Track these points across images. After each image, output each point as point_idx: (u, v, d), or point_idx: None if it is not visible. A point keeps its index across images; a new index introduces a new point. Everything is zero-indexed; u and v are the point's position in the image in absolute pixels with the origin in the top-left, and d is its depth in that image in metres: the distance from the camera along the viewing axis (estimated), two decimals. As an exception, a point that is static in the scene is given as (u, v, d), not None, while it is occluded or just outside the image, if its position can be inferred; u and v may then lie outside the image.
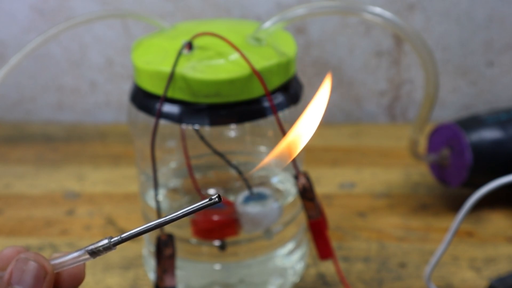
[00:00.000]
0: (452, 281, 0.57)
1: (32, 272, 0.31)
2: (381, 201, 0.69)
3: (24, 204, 0.70)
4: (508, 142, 0.64)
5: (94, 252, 0.32)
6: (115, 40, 0.85)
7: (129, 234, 0.32)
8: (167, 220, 0.31)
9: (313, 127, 0.33)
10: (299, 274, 0.57)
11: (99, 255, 0.32)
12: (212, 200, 0.30)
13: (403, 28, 0.51)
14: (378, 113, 0.88)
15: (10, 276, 0.31)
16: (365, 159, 0.78)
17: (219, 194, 0.30)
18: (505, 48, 0.84)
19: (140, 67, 0.49)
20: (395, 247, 0.62)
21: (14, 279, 0.31)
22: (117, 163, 0.78)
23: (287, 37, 0.53)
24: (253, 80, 0.47)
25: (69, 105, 0.89)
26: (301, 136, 0.33)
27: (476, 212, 0.66)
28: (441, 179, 0.67)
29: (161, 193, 0.56)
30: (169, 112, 0.48)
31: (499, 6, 0.82)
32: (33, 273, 0.31)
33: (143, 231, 0.31)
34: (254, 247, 0.53)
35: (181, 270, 0.53)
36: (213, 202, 0.30)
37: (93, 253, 0.32)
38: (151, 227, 0.31)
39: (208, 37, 0.49)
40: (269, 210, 0.51)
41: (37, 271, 0.31)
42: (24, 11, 0.84)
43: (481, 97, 0.87)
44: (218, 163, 0.54)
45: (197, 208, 0.30)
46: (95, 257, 0.32)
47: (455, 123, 0.65)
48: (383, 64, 0.85)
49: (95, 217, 0.67)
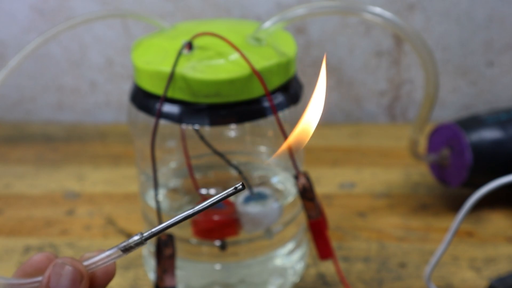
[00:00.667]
0: (452, 281, 0.57)
1: (68, 276, 0.32)
2: (381, 201, 0.69)
3: (24, 204, 0.70)
4: (508, 142, 0.64)
5: (127, 249, 0.33)
6: (115, 40, 0.85)
7: (159, 228, 0.32)
8: (196, 211, 0.32)
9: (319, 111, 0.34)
10: (299, 274, 0.57)
11: (131, 251, 0.33)
12: (237, 188, 0.31)
13: (403, 28, 0.51)
14: (378, 113, 0.89)
15: (48, 280, 0.32)
16: (365, 159, 0.78)
17: (243, 182, 0.31)
18: (505, 48, 0.84)
19: (140, 67, 0.49)
20: (395, 247, 0.62)
21: (52, 283, 0.32)
22: (117, 163, 0.78)
23: (287, 37, 0.53)
24: (253, 80, 0.47)
25: (69, 105, 0.89)
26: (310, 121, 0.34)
27: (476, 212, 0.66)
28: (441, 179, 0.67)
29: (161, 193, 0.56)
30: (169, 112, 0.48)
31: (499, 6, 0.82)
32: (70, 277, 0.32)
33: (173, 223, 0.32)
34: (254, 247, 0.53)
35: (181, 270, 0.53)
36: (238, 190, 0.31)
37: (126, 250, 0.33)
38: (181, 219, 0.32)
39: (208, 37, 0.49)
40: (269, 210, 0.51)
41: (73, 275, 0.32)
42: (24, 11, 0.84)
43: (481, 97, 0.87)
44: (218, 163, 0.54)
45: (224, 196, 0.31)
46: (128, 253, 0.33)
47: (455, 123, 0.65)
48: (383, 64, 0.85)
49: (95, 217, 0.67)
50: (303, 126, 0.34)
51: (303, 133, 0.34)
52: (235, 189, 0.31)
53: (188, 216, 0.32)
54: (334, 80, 0.87)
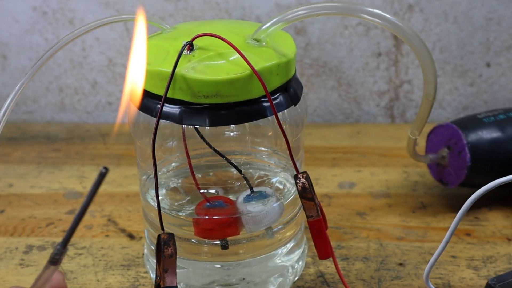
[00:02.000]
0: (451, 280, 0.57)
1: None
2: (380, 200, 0.69)
3: (25, 204, 0.70)
4: (506, 142, 0.65)
5: (53, 261, 0.34)
6: (117, 41, 0.85)
7: (67, 234, 0.34)
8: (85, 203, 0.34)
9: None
10: (299, 273, 0.57)
11: (60, 260, 0.34)
12: (101, 172, 0.32)
13: (402, 29, 0.51)
14: (377, 113, 0.89)
15: None
16: (365, 159, 0.78)
17: (106, 167, 0.32)
18: (503, 49, 0.84)
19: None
20: (394, 246, 0.62)
21: None
22: (118, 163, 0.78)
23: (286, 38, 0.53)
24: (253, 81, 0.47)
25: (70, 105, 0.90)
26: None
27: (475, 212, 0.66)
28: (440, 179, 0.67)
29: (162, 193, 0.56)
30: (169, 113, 0.48)
31: (498, 7, 0.82)
32: None
33: (75, 223, 0.34)
34: (255, 246, 0.54)
35: (181, 269, 0.53)
36: (103, 174, 0.32)
37: (53, 262, 0.34)
38: (78, 216, 0.34)
39: (208, 38, 0.49)
40: (270, 209, 0.51)
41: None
42: (26, 12, 0.84)
43: (479, 98, 0.87)
44: (218, 163, 0.54)
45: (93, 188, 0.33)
46: (57, 264, 0.34)
47: (454, 124, 0.65)
48: (382, 64, 0.86)
49: (96, 217, 0.67)
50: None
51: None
52: (100, 175, 0.32)
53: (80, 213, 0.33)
54: (334, 81, 0.87)
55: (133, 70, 0.36)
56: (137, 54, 0.36)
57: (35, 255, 0.61)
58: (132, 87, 0.35)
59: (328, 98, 0.88)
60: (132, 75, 0.36)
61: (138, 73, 0.36)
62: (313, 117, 0.89)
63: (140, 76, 0.36)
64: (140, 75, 0.35)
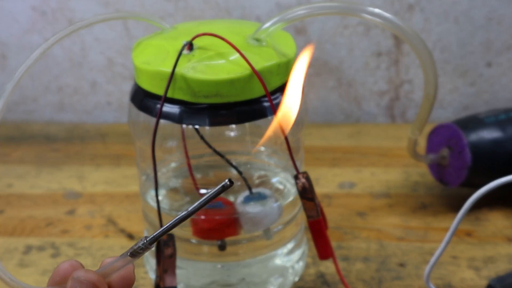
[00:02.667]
0: (451, 281, 0.57)
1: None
2: (380, 201, 0.69)
3: (25, 204, 0.70)
4: (507, 142, 0.64)
5: (133, 254, 0.34)
6: (116, 41, 0.85)
7: (161, 231, 0.33)
8: (192, 211, 0.32)
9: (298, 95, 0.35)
10: (299, 274, 0.57)
11: (141, 255, 0.34)
12: (225, 186, 0.31)
13: (403, 29, 0.51)
14: (377, 113, 0.89)
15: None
16: (365, 159, 0.78)
17: (230, 178, 0.31)
18: (504, 49, 0.84)
19: (140, 68, 0.49)
20: (395, 246, 0.62)
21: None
22: (118, 163, 0.78)
23: (287, 38, 0.53)
24: (253, 80, 0.47)
25: (70, 105, 0.90)
26: (291, 106, 0.35)
27: (475, 212, 0.66)
28: (440, 179, 0.67)
29: (162, 193, 0.56)
30: (169, 112, 0.48)
31: (498, 6, 0.82)
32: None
33: (173, 225, 0.33)
34: (254, 247, 0.54)
35: (181, 269, 0.53)
36: (226, 187, 0.31)
37: (133, 255, 0.34)
38: (179, 220, 0.33)
39: (208, 37, 0.49)
40: (269, 209, 0.51)
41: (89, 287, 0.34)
42: (26, 12, 0.84)
43: (480, 98, 0.87)
44: (218, 163, 0.54)
45: (214, 194, 0.32)
46: (137, 257, 0.35)
47: (454, 124, 0.65)
48: (382, 64, 0.86)
49: (96, 217, 0.67)
50: (284, 110, 0.34)
51: (286, 115, 0.35)
52: (223, 187, 0.31)
53: (185, 217, 0.32)
54: (334, 80, 0.87)
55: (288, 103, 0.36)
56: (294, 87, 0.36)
57: (34, 255, 0.61)
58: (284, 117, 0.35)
59: (328, 98, 0.88)
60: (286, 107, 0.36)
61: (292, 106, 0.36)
62: (313, 117, 0.89)
63: (294, 110, 0.35)
64: (295, 109, 0.35)
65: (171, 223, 0.33)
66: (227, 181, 0.31)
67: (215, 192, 0.32)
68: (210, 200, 0.32)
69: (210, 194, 0.32)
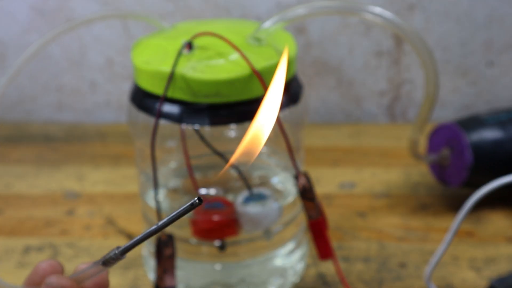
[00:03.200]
0: (452, 281, 0.57)
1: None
2: (381, 201, 0.69)
3: (24, 204, 0.70)
4: (508, 142, 0.64)
5: (105, 263, 0.34)
6: (115, 40, 0.85)
7: (133, 242, 0.34)
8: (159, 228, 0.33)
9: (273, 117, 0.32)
10: (299, 274, 0.57)
11: (112, 264, 0.35)
12: (194, 204, 0.31)
13: (403, 28, 0.51)
14: (378, 113, 0.89)
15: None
16: (365, 159, 0.78)
17: (200, 197, 0.31)
18: (505, 48, 0.84)
19: (140, 67, 0.49)
20: (395, 247, 0.62)
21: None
22: (117, 163, 0.78)
23: (287, 37, 0.53)
24: (253, 80, 0.47)
25: (69, 105, 0.89)
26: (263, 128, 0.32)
27: (476, 212, 0.66)
28: (441, 179, 0.67)
29: (161, 193, 0.56)
30: (169, 112, 0.48)
31: (499, 6, 0.82)
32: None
33: (142, 238, 0.33)
34: (254, 247, 0.53)
35: (181, 270, 0.53)
36: (195, 206, 0.31)
37: (105, 263, 0.34)
38: (145, 236, 0.33)
39: (208, 37, 0.49)
40: (269, 210, 0.51)
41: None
42: (24, 11, 0.84)
43: (481, 97, 0.87)
44: (218, 163, 0.54)
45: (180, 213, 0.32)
46: (109, 267, 0.35)
47: (455, 123, 0.65)
48: (383, 64, 0.85)
49: (95, 217, 0.67)
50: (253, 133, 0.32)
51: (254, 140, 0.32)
52: (192, 205, 0.31)
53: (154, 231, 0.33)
54: (334, 80, 0.87)
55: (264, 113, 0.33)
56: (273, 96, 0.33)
57: (33, 256, 0.61)
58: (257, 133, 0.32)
59: (328, 97, 0.88)
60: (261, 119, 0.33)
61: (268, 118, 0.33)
62: (313, 117, 0.88)
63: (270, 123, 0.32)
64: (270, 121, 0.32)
65: (141, 236, 0.33)
66: (196, 199, 0.31)
67: (183, 209, 0.31)
68: (178, 218, 0.32)
69: (179, 211, 0.32)
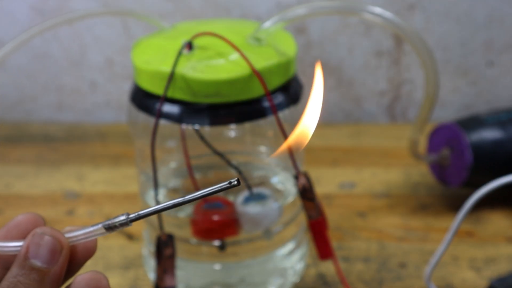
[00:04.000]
0: (452, 281, 0.57)
1: (48, 247, 0.32)
2: (381, 201, 0.69)
3: (24, 204, 0.70)
4: (508, 142, 0.64)
5: (111, 228, 0.32)
6: (115, 40, 0.85)
7: (146, 212, 0.32)
8: (185, 201, 0.31)
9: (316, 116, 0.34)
10: (299, 274, 0.57)
11: (115, 230, 0.33)
12: (232, 183, 0.30)
13: (403, 28, 0.51)
14: (378, 113, 0.88)
15: (27, 250, 0.32)
16: (365, 159, 0.78)
17: (238, 178, 0.30)
18: (505, 48, 0.84)
19: (140, 67, 0.49)
20: (395, 247, 0.62)
21: (31, 253, 0.32)
22: (117, 163, 0.78)
23: (287, 37, 0.52)
24: (253, 80, 0.47)
25: (69, 105, 0.89)
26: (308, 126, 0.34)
27: (476, 212, 0.66)
28: (441, 179, 0.67)
29: (161, 193, 0.56)
30: (169, 112, 0.48)
31: (499, 6, 0.82)
32: (49, 247, 0.32)
33: (160, 209, 0.32)
34: (254, 247, 0.53)
35: (181, 270, 0.53)
36: (232, 185, 0.30)
37: (110, 228, 0.32)
38: (169, 206, 0.31)
39: (208, 37, 0.49)
40: (269, 210, 0.51)
41: (53, 246, 0.32)
42: (24, 11, 0.84)
43: (481, 97, 0.87)
44: (218, 163, 0.54)
45: (215, 190, 0.30)
46: (111, 232, 0.33)
47: (455, 123, 0.65)
48: (383, 64, 0.85)
49: (95, 217, 0.67)
50: (302, 127, 0.34)
51: (302, 135, 0.34)
52: (229, 183, 0.30)
53: (178, 203, 0.31)
54: (334, 80, 0.87)
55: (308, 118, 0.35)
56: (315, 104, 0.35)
57: (33, 256, 0.61)
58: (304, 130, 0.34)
59: (328, 98, 0.88)
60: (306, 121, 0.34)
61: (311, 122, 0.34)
62: (313, 117, 0.88)
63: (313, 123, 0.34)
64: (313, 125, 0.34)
65: (161, 206, 0.31)
66: (235, 180, 0.30)
67: (219, 187, 0.30)
68: (211, 194, 0.30)
69: (213, 188, 0.30)
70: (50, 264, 0.32)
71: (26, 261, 0.32)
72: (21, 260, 0.32)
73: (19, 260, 0.32)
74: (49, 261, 0.32)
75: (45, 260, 0.32)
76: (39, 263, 0.32)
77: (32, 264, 0.32)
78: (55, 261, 0.32)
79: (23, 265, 0.32)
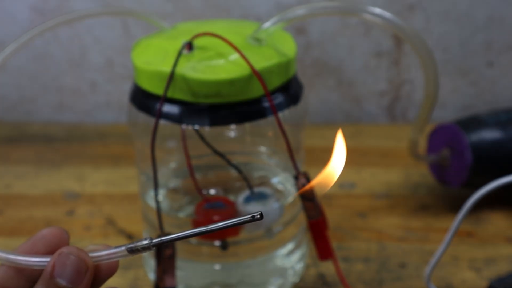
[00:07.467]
0: (452, 282, 0.57)
1: (73, 267, 0.33)
2: (381, 201, 0.69)
3: (24, 204, 0.70)
4: (508, 143, 0.64)
5: (133, 251, 0.33)
6: (115, 41, 0.85)
7: (168, 238, 0.33)
8: (207, 230, 0.32)
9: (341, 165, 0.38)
10: (299, 275, 0.57)
11: (137, 254, 0.33)
12: (255, 217, 0.31)
13: (403, 29, 0.51)
14: (378, 114, 0.89)
15: (52, 269, 0.32)
16: (365, 159, 0.78)
17: (261, 212, 0.31)
18: (505, 49, 0.84)
19: (140, 67, 0.49)
20: (395, 247, 0.62)
21: (56, 272, 0.32)
22: (117, 163, 0.78)
23: (287, 38, 0.53)
24: (253, 80, 0.47)
25: (69, 105, 0.89)
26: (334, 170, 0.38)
27: (476, 213, 0.66)
28: (441, 180, 0.67)
29: (161, 194, 0.56)
30: (169, 112, 0.48)
31: (499, 6, 0.82)
32: (75, 267, 0.33)
33: (182, 237, 0.33)
34: (254, 247, 0.53)
35: (181, 270, 0.53)
36: (255, 219, 0.31)
37: (132, 251, 0.33)
38: (191, 234, 0.32)
39: (208, 37, 0.49)
40: (270, 209, 0.51)
41: (78, 266, 0.33)
42: (24, 11, 0.84)
43: (481, 98, 0.87)
44: (218, 163, 0.54)
45: (238, 222, 0.32)
46: (133, 255, 0.34)
47: (455, 124, 0.65)
48: (383, 64, 0.85)
49: (95, 218, 0.67)
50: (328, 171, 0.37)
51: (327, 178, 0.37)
52: (252, 217, 0.31)
53: (200, 232, 0.32)
54: (334, 81, 0.87)
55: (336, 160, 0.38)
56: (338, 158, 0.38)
57: (33, 256, 0.61)
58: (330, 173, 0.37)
59: (328, 98, 0.88)
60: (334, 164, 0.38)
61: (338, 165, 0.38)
62: (313, 117, 0.88)
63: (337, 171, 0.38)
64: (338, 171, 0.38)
65: (183, 234, 0.32)
66: (258, 214, 0.31)
67: (242, 219, 0.31)
68: (232, 226, 0.32)
69: (236, 220, 0.32)
70: (75, 284, 0.33)
71: (52, 280, 0.32)
72: (47, 278, 0.33)
73: (45, 278, 0.33)
74: (74, 281, 0.33)
75: (70, 279, 0.33)
76: (64, 282, 0.32)
77: (58, 283, 0.32)
78: (80, 281, 0.33)
79: (49, 284, 0.32)
